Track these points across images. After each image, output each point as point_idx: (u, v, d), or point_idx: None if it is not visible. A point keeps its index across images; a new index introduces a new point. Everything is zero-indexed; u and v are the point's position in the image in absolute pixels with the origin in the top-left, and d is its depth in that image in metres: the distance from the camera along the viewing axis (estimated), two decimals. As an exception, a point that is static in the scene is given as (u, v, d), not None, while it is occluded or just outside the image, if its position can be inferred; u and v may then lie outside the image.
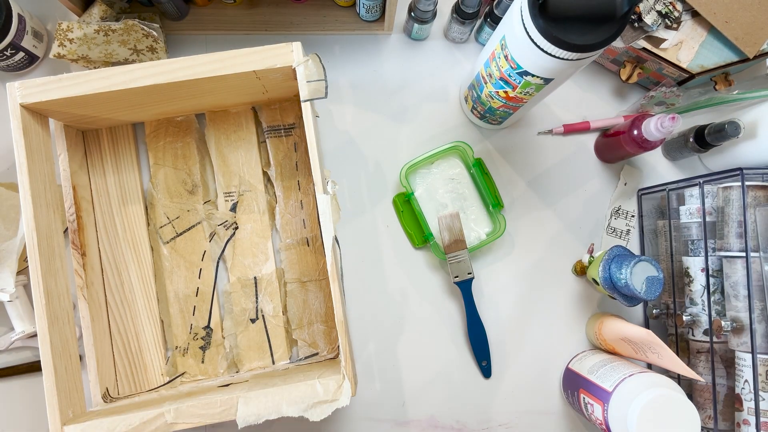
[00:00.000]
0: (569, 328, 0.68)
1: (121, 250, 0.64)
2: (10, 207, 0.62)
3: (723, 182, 0.58)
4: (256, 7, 0.69)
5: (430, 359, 0.67)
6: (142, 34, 0.63)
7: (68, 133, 0.61)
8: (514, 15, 0.48)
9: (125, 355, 0.63)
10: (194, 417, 0.49)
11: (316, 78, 0.52)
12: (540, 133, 0.70)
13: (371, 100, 0.70)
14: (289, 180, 0.66)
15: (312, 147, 0.52)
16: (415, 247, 0.68)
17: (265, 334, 0.64)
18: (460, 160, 0.68)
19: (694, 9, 0.61)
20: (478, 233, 0.67)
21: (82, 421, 0.50)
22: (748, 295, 0.54)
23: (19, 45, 0.62)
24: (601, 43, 0.45)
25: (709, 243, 0.59)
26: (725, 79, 0.65)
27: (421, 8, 0.64)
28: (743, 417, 0.55)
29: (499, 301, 0.68)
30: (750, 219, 0.55)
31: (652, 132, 0.58)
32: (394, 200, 0.68)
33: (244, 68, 0.52)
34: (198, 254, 0.64)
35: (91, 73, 0.51)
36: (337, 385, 0.50)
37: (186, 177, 0.65)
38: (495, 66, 0.55)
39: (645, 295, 0.55)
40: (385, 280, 0.67)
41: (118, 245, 0.64)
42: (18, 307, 0.62)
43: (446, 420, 0.66)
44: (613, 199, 0.70)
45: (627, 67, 0.67)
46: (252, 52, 0.52)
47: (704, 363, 0.60)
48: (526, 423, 0.66)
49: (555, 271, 0.69)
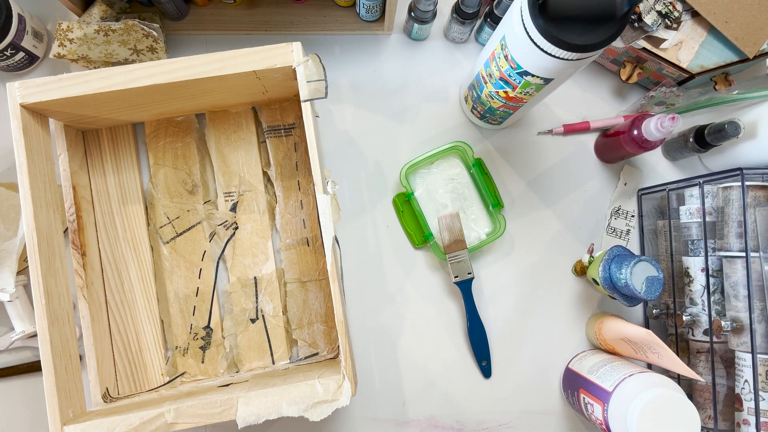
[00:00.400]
0: (569, 328, 0.68)
1: (121, 250, 0.64)
2: (10, 207, 0.62)
3: (723, 182, 0.58)
4: (256, 7, 0.69)
5: (430, 359, 0.67)
6: (142, 34, 0.63)
7: (68, 133, 0.61)
8: (514, 15, 0.48)
9: (125, 354, 0.63)
10: (194, 417, 0.49)
11: (316, 78, 0.52)
12: (540, 133, 0.70)
13: (371, 100, 0.70)
14: (289, 180, 0.66)
15: (312, 147, 0.52)
16: (415, 247, 0.68)
17: (265, 334, 0.64)
18: (460, 160, 0.68)
19: (694, 9, 0.61)
20: (478, 233, 0.67)
21: (82, 421, 0.50)
22: (748, 295, 0.54)
23: (19, 45, 0.62)
24: (601, 43, 0.45)
25: (709, 243, 0.59)
26: (725, 79, 0.65)
27: (421, 8, 0.64)
28: (743, 417, 0.55)
29: (499, 301, 0.68)
30: (750, 219, 0.55)
31: (652, 132, 0.58)
32: (394, 200, 0.68)
33: (244, 68, 0.52)
34: (198, 254, 0.64)
35: (91, 73, 0.51)
36: (337, 385, 0.50)
37: (186, 177, 0.65)
38: (495, 66, 0.55)
39: (645, 295, 0.55)
40: (385, 280, 0.67)
41: (118, 245, 0.64)
42: (18, 307, 0.62)
43: (446, 420, 0.66)
44: (613, 199, 0.70)
45: (627, 67, 0.67)
46: (252, 52, 0.52)
47: (704, 363, 0.60)
48: (526, 423, 0.66)
49: (555, 271, 0.69)
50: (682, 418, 0.51)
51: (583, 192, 0.70)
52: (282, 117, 0.66)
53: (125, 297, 0.63)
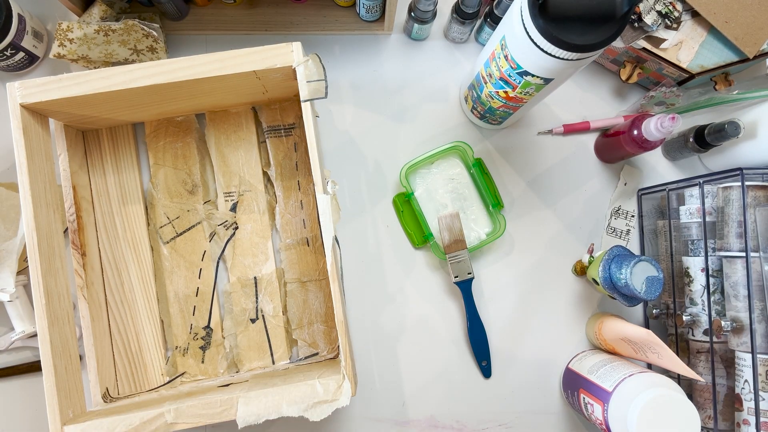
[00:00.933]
0: (569, 328, 0.68)
1: (121, 250, 0.64)
2: (10, 207, 0.62)
3: (723, 182, 0.58)
4: (256, 7, 0.69)
5: (430, 359, 0.67)
6: (142, 34, 0.63)
7: (68, 133, 0.61)
8: (514, 15, 0.48)
9: (125, 355, 0.63)
10: (194, 417, 0.50)
11: (316, 78, 0.52)
12: (540, 133, 0.70)
13: (371, 100, 0.70)
14: (289, 180, 0.66)
15: (312, 147, 0.52)
16: (415, 247, 0.68)
17: (265, 334, 0.64)
18: (460, 160, 0.68)
19: (694, 9, 0.61)
20: (478, 233, 0.67)
21: (83, 420, 0.50)
22: (748, 295, 0.54)
23: (19, 45, 0.62)
24: (601, 43, 0.45)
25: (709, 243, 0.59)
26: (725, 79, 0.65)
27: (421, 8, 0.64)
28: (743, 417, 0.55)
29: (499, 301, 0.68)
30: (750, 219, 0.55)
31: (652, 132, 0.58)
32: (394, 200, 0.68)
33: (244, 68, 0.52)
34: (198, 254, 0.64)
35: (91, 73, 0.51)
36: (337, 385, 0.50)
37: (186, 177, 0.65)
38: (495, 66, 0.55)
39: (645, 295, 0.55)
40: (385, 280, 0.67)
41: (118, 245, 0.64)
42: (18, 307, 0.62)
43: (446, 420, 0.66)
44: (613, 199, 0.70)
45: (627, 67, 0.67)
46: (252, 52, 0.52)
47: (704, 363, 0.60)
48: (526, 423, 0.66)
49: (555, 271, 0.69)
50: (682, 418, 0.51)
51: (583, 192, 0.70)
52: (282, 117, 0.66)
53: (125, 297, 0.63)
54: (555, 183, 0.70)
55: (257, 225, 0.65)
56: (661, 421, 0.50)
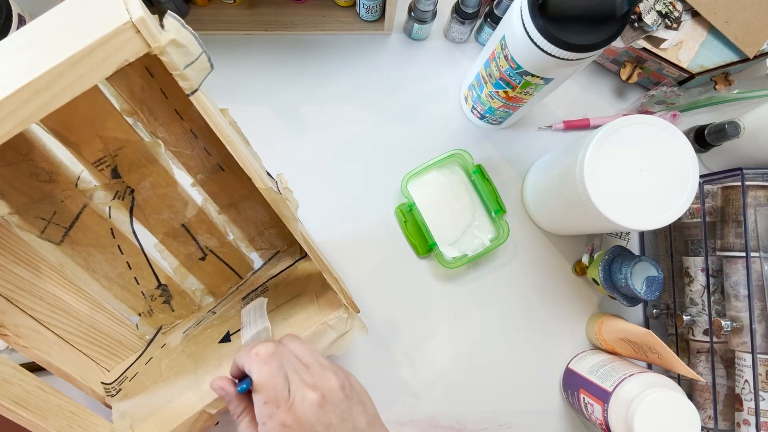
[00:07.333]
0: (569, 328, 0.68)
1: (17, 275, 0.51)
2: None
3: (723, 182, 0.58)
4: (256, 7, 0.69)
5: (430, 359, 0.66)
6: (142, 33, 0.62)
7: None
8: (514, 15, 0.48)
9: (93, 344, 0.57)
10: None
11: (195, 54, 0.33)
12: (540, 128, 0.71)
13: (371, 100, 0.70)
14: (164, 113, 0.51)
15: (236, 150, 0.38)
16: (420, 257, 0.68)
17: (222, 263, 0.62)
18: (460, 168, 0.68)
19: (694, 9, 0.61)
20: (482, 240, 0.67)
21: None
22: (748, 295, 0.54)
23: (19, 45, 0.62)
24: (601, 43, 0.45)
25: (709, 243, 0.59)
26: (725, 79, 0.65)
27: (421, 8, 0.64)
28: (743, 417, 0.55)
29: (499, 302, 0.68)
30: (750, 219, 0.55)
31: (652, 132, 0.58)
32: (396, 211, 0.68)
33: (83, 87, 0.30)
34: (105, 235, 0.55)
35: None
36: (346, 317, 0.51)
37: (34, 168, 0.50)
38: (495, 66, 0.55)
39: (645, 295, 0.55)
40: (387, 285, 0.67)
41: (15, 277, 0.51)
42: None
43: (446, 420, 0.66)
44: (613, 199, 0.70)
45: (627, 67, 0.67)
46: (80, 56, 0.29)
47: (704, 363, 0.60)
48: (526, 423, 0.66)
49: (555, 271, 0.69)
50: (682, 418, 0.51)
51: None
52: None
53: (55, 308, 0.54)
54: (555, 183, 0.70)
55: (155, 177, 0.55)
56: (661, 421, 0.50)
